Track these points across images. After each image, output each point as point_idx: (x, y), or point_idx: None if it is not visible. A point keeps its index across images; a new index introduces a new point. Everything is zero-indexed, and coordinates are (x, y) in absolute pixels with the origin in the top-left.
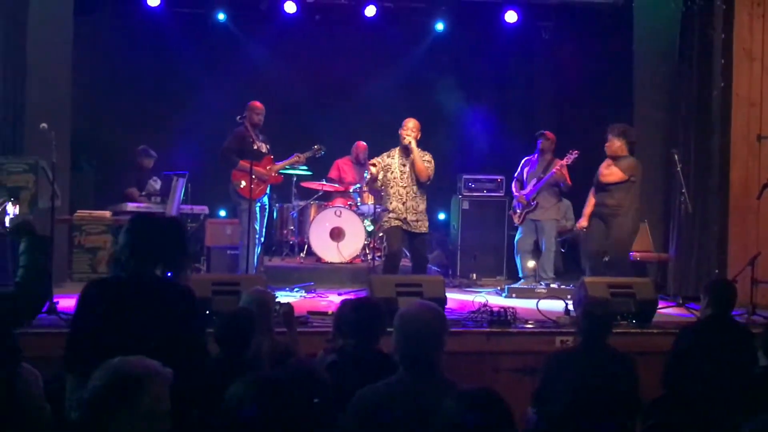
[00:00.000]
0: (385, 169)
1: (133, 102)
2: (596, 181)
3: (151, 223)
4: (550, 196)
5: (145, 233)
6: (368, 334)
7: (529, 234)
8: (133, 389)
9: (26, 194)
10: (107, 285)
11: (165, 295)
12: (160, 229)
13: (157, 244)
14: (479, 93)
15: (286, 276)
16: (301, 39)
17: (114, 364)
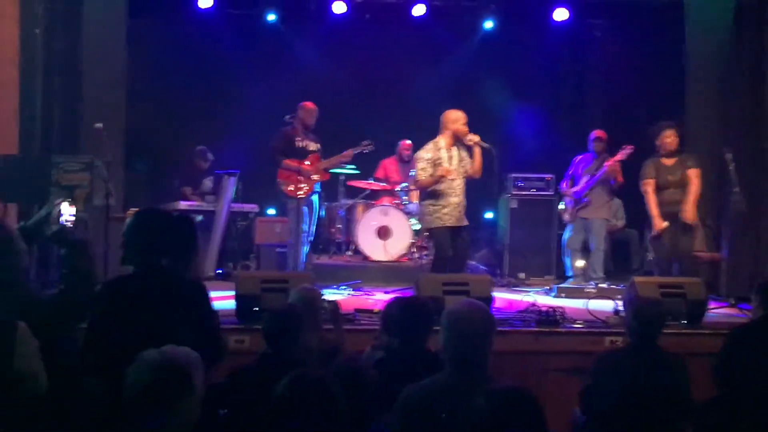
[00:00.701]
0: (436, 162)
1: (185, 102)
2: (666, 180)
3: (156, 217)
4: (602, 194)
5: (150, 227)
6: (415, 333)
7: (578, 232)
8: (187, 377)
9: (81, 192)
10: (117, 284)
11: (173, 288)
12: (166, 224)
13: (161, 238)
14: (528, 91)
15: (334, 274)
16: (350, 39)
17: (154, 357)
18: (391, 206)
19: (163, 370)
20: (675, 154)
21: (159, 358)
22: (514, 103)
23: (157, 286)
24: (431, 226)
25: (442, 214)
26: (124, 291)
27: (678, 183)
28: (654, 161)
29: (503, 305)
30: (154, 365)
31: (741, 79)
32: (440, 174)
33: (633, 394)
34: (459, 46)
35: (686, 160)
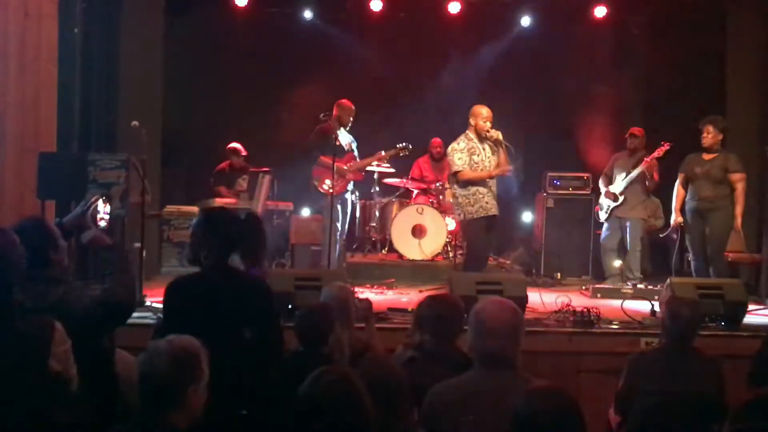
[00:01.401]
0: (471, 152)
1: (222, 100)
2: (694, 173)
3: (223, 216)
4: (638, 193)
5: (219, 226)
6: (446, 331)
7: (615, 232)
8: (197, 363)
9: (117, 189)
10: (187, 282)
11: (242, 288)
12: (234, 222)
13: (231, 236)
14: (565, 88)
15: (368, 272)
16: (386, 36)
17: (164, 346)
18: (426, 205)
19: (174, 358)
20: (715, 150)
21: (168, 346)
22: (551, 100)
23: (224, 284)
24: (476, 215)
25: (485, 203)
26: (193, 290)
27: (706, 176)
28: (693, 155)
29: (538, 305)
30: (165, 353)
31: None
32: (487, 174)
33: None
34: (494, 43)
35: (727, 161)
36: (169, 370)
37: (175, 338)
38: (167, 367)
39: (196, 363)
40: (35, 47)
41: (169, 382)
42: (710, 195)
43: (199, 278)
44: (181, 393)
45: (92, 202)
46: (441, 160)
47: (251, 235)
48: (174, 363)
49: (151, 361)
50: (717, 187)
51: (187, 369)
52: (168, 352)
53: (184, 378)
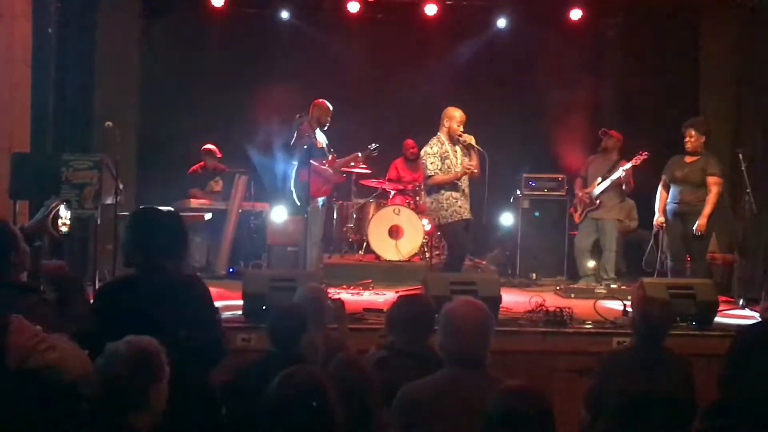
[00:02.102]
0: (443, 156)
1: (198, 101)
2: (674, 176)
3: (151, 216)
4: (614, 196)
5: (146, 227)
6: (417, 332)
7: (589, 233)
8: (158, 361)
9: (90, 190)
10: (119, 286)
11: (172, 287)
12: (159, 222)
13: (157, 236)
14: (542, 91)
15: (345, 273)
16: (364, 37)
17: (122, 347)
18: (403, 206)
19: (134, 359)
20: (697, 153)
21: (127, 347)
22: (527, 103)
23: (154, 284)
24: (450, 219)
25: (458, 207)
26: (127, 292)
27: (685, 180)
28: (676, 157)
29: (512, 305)
30: (125, 355)
31: (755, 79)
32: (454, 176)
33: (637, 395)
34: (472, 46)
35: (707, 164)
36: (130, 371)
37: (134, 338)
38: (127, 369)
39: (156, 362)
40: (9, 48)
41: (129, 383)
42: (690, 198)
43: (128, 281)
44: (142, 394)
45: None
46: (416, 161)
47: (175, 234)
48: (134, 364)
49: (111, 363)
50: (697, 190)
51: (148, 369)
52: (127, 354)
53: (145, 378)
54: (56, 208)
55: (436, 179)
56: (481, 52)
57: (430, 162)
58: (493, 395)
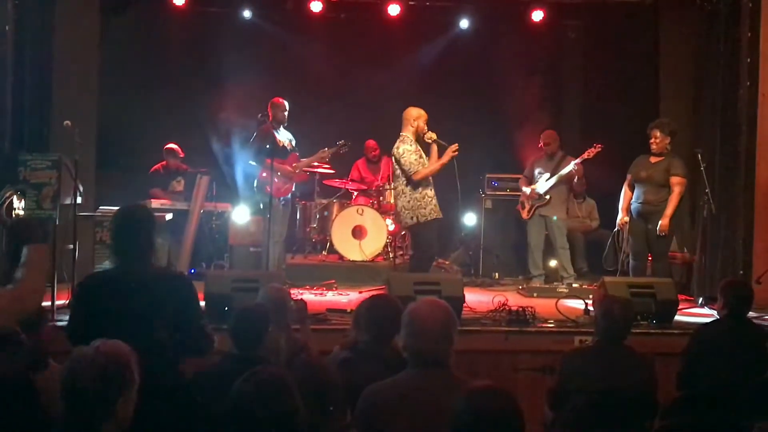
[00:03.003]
0: (419, 153)
1: (159, 100)
2: (639, 176)
3: (127, 215)
4: (561, 193)
5: (123, 227)
6: (382, 331)
7: (540, 230)
8: (127, 371)
9: (48, 190)
10: (102, 279)
11: (155, 283)
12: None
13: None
14: (504, 92)
15: (308, 274)
16: (327, 37)
17: (90, 355)
18: (366, 206)
19: (102, 369)
20: (662, 154)
21: (95, 355)
22: (489, 103)
23: (140, 280)
24: (429, 218)
25: (434, 205)
26: (103, 287)
27: (649, 180)
28: (642, 157)
29: (476, 305)
30: (92, 364)
31: (714, 81)
32: (439, 165)
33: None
34: (434, 46)
35: (671, 165)
36: (97, 383)
37: (102, 345)
38: (95, 380)
39: (125, 371)
40: None
41: (97, 395)
42: (653, 198)
43: (110, 275)
44: (110, 405)
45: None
46: (377, 162)
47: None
48: (102, 375)
49: (77, 372)
50: (660, 190)
51: (117, 379)
52: (95, 363)
53: (114, 389)
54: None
55: (422, 173)
56: (444, 52)
57: (413, 159)
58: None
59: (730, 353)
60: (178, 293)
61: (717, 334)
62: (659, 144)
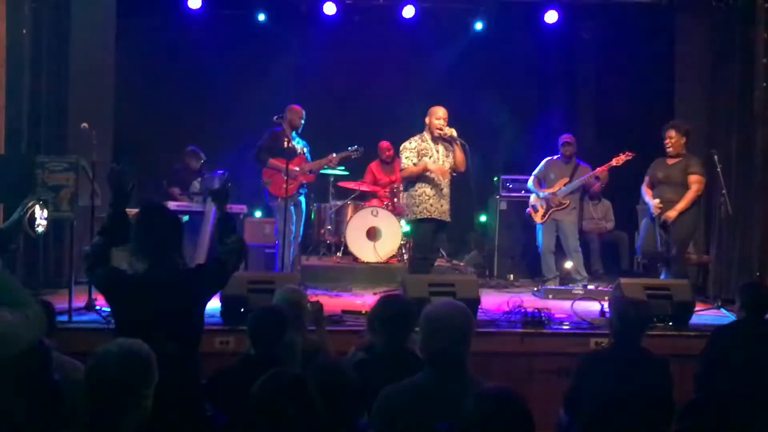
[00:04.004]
0: (422, 152)
1: (174, 102)
2: (657, 177)
3: (155, 213)
4: (575, 198)
5: (151, 224)
6: (398, 333)
7: (552, 233)
8: (149, 366)
9: (66, 192)
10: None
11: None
12: (171, 217)
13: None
14: (518, 93)
15: (323, 275)
16: (341, 40)
17: (114, 350)
18: (381, 207)
19: (127, 362)
20: (679, 155)
21: (119, 350)
22: (504, 105)
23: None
24: (419, 216)
25: (429, 205)
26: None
27: (667, 181)
28: (659, 159)
29: (491, 307)
30: (117, 358)
31: (729, 81)
32: (423, 166)
33: (615, 395)
34: (449, 48)
35: (689, 164)
36: (122, 375)
37: (125, 342)
38: (119, 373)
39: (147, 366)
40: None
41: (121, 388)
42: (671, 197)
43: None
44: (132, 399)
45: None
46: (391, 163)
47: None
48: (126, 368)
49: (102, 366)
50: (679, 191)
51: (139, 374)
52: (119, 357)
53: (137, 383)
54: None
55: (404, 172)
56: (458, 54)
57: (405, 156)
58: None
59: (748, 355)
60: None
61: (735, 336)
62: (674, 144)
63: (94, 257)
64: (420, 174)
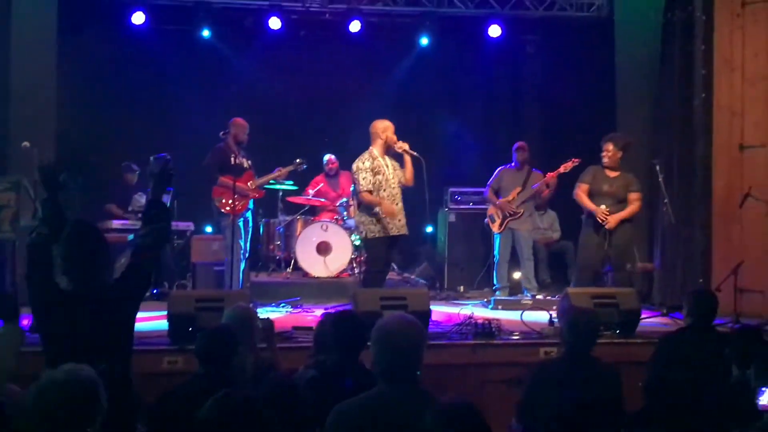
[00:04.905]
0: (375, 170)
1: (118, 119)
2: (601, 190)
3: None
4: (529, 207)
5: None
6: (349, 349)
7: (507, 243)
8: (96, 397)
9: (8, 212)
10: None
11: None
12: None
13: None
14: (465, 106)
15: (273, 291)
16: (287, 55)
17: (60, 379)
18: (330, 222)
19: (73, 395)
20: (616, 168)
21: (65, 377)
22: (451, 118)
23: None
24: (377, 235)
25: (386, 222)
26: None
27: (613, 195)
28: (596, 168)
29: (442, 318)
30: (63, 386)
31: (669, 92)
32: (379, 203)
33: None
34: (396, 63)
35: (630, 182)
36: (68, 409)
37: (72, 370)
38: (66, 407)
39: (95, 399)
40: None
41: (67, 422)
42: (613, 211)
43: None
44: (78, 427)
45: None
46: (336, 176)
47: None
48: (73, 401)
49: (48, 398)
50: (619, 207)
51: (87, 406)
52: (66, 390)
53: (84, 417)
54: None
55: (366, 197)
56: (406, 69)
57: (362, 177)
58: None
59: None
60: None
61: (683, 342)
62: (611, 158)
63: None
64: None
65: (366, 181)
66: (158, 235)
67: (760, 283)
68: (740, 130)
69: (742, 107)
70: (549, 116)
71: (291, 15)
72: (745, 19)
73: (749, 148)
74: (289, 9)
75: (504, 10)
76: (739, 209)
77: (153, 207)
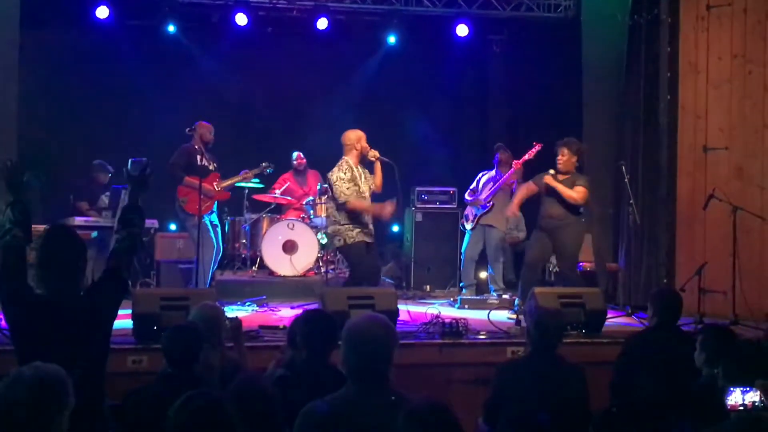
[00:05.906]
0: (354, 181)
1: (82, 115)
2: (547, 190)
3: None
4: (502, 203)
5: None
6: (319, 347)
7: (477, 241)
8: (63, 391)
9: None
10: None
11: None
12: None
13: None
14: (431, 105)
15: (238, 290)
16: (253, 52)
17: (28, 374)
18: (297, 220)
19: (41, 386)
20: (569, 172)
21: (34, 373)
22: (417, 116)
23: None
24: (356, 240)
25: (360, 231)
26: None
27: (555, 194)
28: (549, 172)
29: (408, 318)
30: (29, 381)
31: (635, 94)
32: (367, 205)
33: (533, 404)
34: (363, 61)
35: (576, 179)
36: (36, 400)
37: (41, 365)
38: (33, 397)
39: (62, 393)
40: None
41: (34, 413)
42: (558, 213)
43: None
44: (46, 425)
45: None
46: (304, 173)
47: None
48: (41, 392)
49: (14, 391)
50: (565, 205)
51: (55, 398)
52: (33, 381)
53: (51, 409)
54: None
55: (352, 204)
56: (374, 67)
57: (345, 188)
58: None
59: (662, 361)
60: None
61: (648, 342)
62: (565, 162)
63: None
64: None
65: (350, 191)
66: (134, 240)
67: (723, 284)
68: (704, 132)
69: (707, 110)
70: (515, 116)
71: (258, 11)
72: (709, 22)
73: (713, 150)
74: (256, 5)
75: (471, 10)
76: (703, 210)
77: (131, 211)
